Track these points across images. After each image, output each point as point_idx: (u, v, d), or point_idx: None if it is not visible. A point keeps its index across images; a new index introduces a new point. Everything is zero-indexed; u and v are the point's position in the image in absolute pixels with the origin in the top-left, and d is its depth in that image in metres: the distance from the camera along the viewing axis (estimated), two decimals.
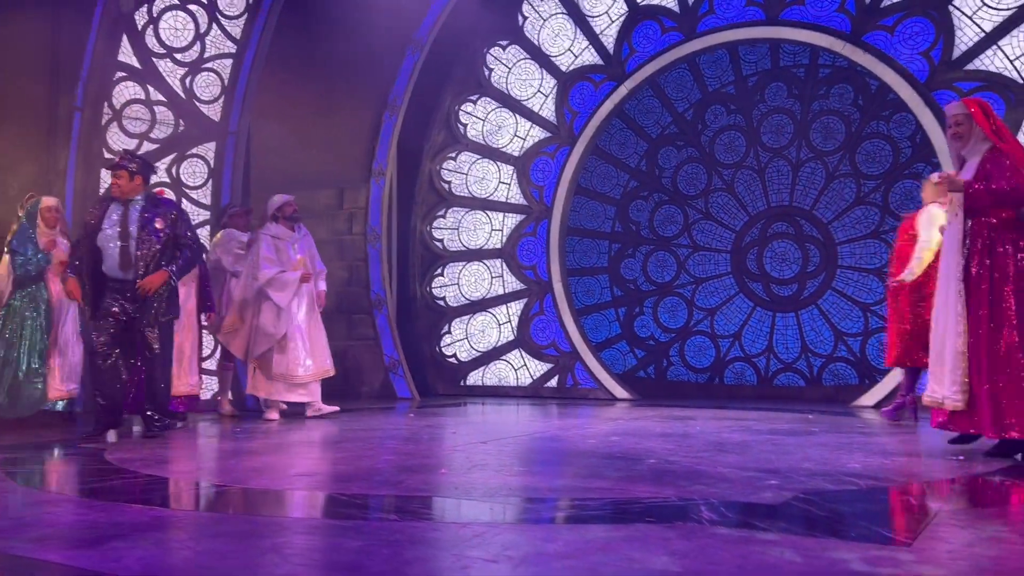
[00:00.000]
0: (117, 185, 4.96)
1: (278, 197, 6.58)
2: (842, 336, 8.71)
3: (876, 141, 8.59)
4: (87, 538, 2.25)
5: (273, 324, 6.26)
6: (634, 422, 5.91)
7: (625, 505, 2.70)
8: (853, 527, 2.40)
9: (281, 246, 6.42)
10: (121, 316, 4.93)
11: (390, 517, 2.63)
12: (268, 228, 6.45)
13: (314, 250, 6.72)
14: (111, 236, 4.91)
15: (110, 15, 7.55)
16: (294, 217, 6.53)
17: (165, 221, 4.99)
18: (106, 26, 7.54)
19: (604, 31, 9.12)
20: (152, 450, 4.47)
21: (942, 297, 4.08)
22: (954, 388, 3.91)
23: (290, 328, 6.29)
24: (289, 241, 6.47)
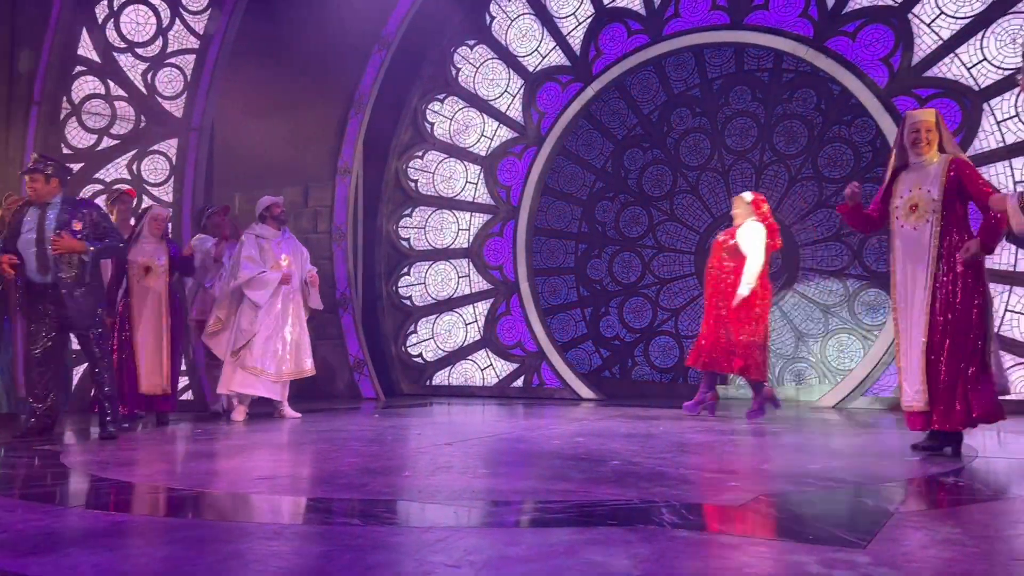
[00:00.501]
0: (33, 189, 4.95)
1: (266, 198, 6.59)
2: (803, 337, 8.84)
3: (838, 145, 8.73)
4: (41, 544, 2.21)
5: (249, 322, 6.22)
6: (599, 422, 5.94)
7: (588, 508, 2.71)
8: (811, 529, 2.44)
9: (265, 246, 6.38)
10: (54, 320, 4.95)
11: (353, 522, 2.61)
12: (253, 228, 6.46)
13: (302, 249, 6.67)
14: (29, 241, 4.89)
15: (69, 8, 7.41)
16: (281, 218, 6.51)
17: (84, 222, 5.00)
18: (65, 19, 7.40)
19: (571, 32, 9.15)
20: (110, 452, 4.39)
21: (906, 303, 4.14)
22: (917, 388, 4.01)
23: (267, 326, 6.24)
24: (274, 241, 6.43)
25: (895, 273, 4.24)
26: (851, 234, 8.63)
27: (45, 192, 4.95)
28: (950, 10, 7.37)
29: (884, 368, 7.36)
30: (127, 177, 7.75)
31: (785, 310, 8.96)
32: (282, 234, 6.52)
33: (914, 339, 4.08)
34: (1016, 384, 6.70)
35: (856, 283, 8.61)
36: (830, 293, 8.76)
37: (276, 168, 9.16)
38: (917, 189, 4.16)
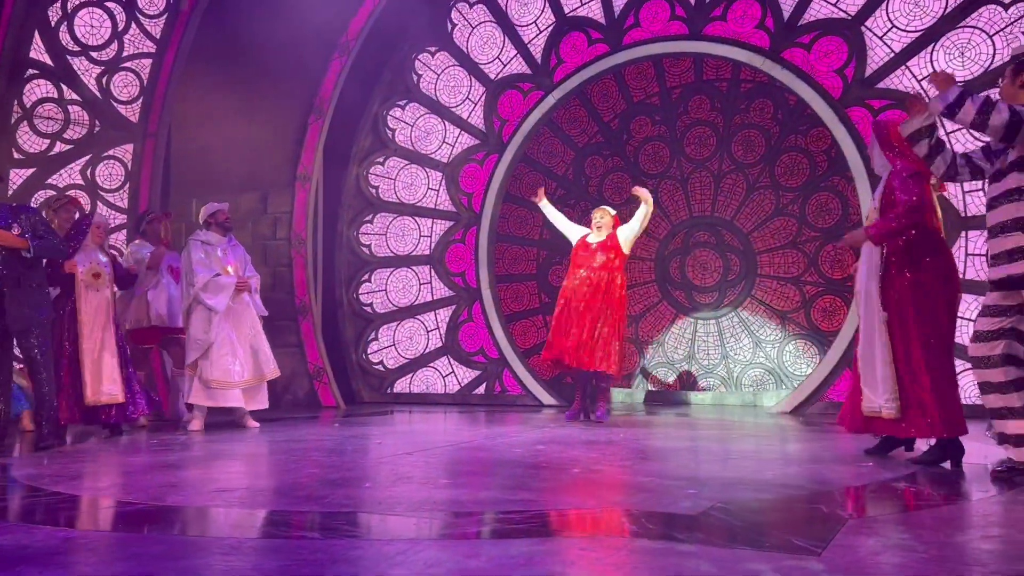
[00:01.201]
0: None
1: (211, 204, 6.50)
2: (760, 343, 8.98)
3: (794, 154, 8.89)
4: None
5: (204, 331, 6.14)
6: (560, 429, 5.97)
7: (548, 517, 2.73)
8: (767, 536, 2.48)
9: (212, 252, 6.30)
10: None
11: (312, 535, 2.59)
12: (198, 234, 6.38)
13: (246, 257, 6.61)
14: None
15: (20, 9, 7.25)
16: (226, 225, 6.43)
17: (22, 227, 4.93)
18: (16, 21, 7.24)
19: (532, 41, 9.19)
20: (63, 465, 4.30)
21: (866, 312, 4.24)
22: (887, 397, 4.09)
23: (222, 334, 6.15)
24: (219, 247, 6.35)
25: (857, 283, 4.37)
26: (807, 242, 8.80)
27: None
28: (901, 23, 7.56)
29: (839, 373, 7.50)
30: (80, 183, 7.61)
31: (743, 316, 9.09)
32: (228, 241, 6.44)
33: (876, 348, 4.15)
34: (966, 390, 6.87)
35: (813, 289, 8.77)
36: (787, 299, 8.91)
37: (234, 174, 9.05)
38: (873, 200, 4.34)
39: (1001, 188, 3.52)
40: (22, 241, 4.88)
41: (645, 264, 9.55)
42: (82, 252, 5.86)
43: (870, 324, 4.20)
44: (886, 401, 4.09)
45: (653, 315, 9.51)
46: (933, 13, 7.42)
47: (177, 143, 8.77)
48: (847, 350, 7.42)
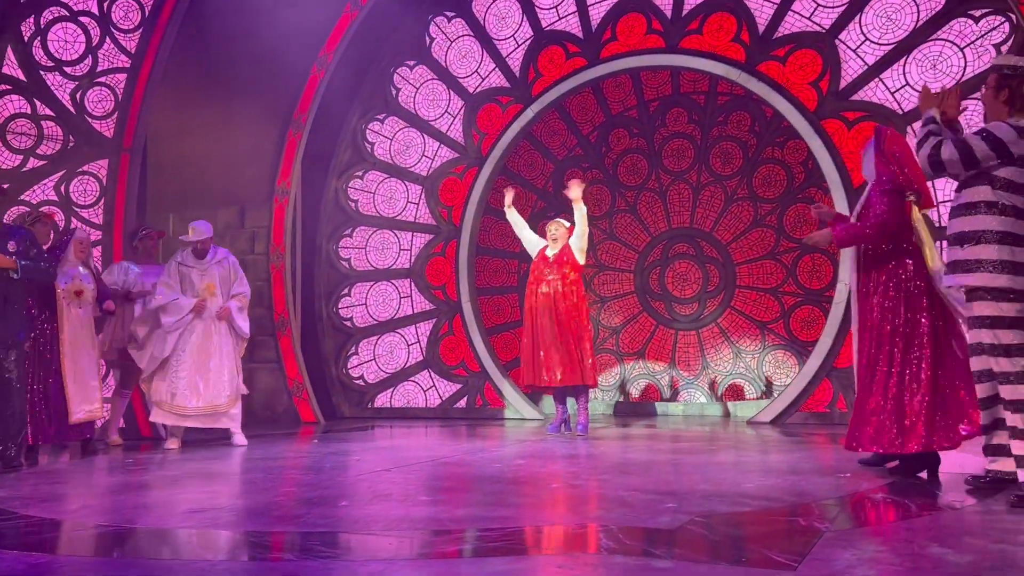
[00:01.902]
0: None
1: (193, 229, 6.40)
2: (740, 353, 9.01)
3: (771, 166, 8.96)
4: None
5: (160, 348, 6.09)
6: (541, 443, 5.95)
7: (527, 534, 2.71)
8: (745, 551, 2.47)
9: (185, 272, 6.26)
10: None
11: (287, 556, 2.56)
12: (178, 255, 6.37)
13: (235, 274, 6.50)
14: None
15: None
16: (199, 252, 6.36)
17: (18, 247, 4.95)
18: None
19: (511, 54, 9.22)
20: (34, 487, 4.23)
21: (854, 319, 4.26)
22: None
23: (180, 355, 6.09)
24: (196, 269, 6.29)
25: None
26: (785, 252, 8.86)
27: None
28: (874, 36, 7.65)
29: (819, 383, 7.54)
30: (54, 198, 7.52)
31: (723, 327, 9.13)
32: (209, 259, 6.38)
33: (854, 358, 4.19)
34: None
35: (791, 300, 8.82)
36: (766, 310, 8.96)
37: (212, 189, 8.99)
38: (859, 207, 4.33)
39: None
40: (11, 261, 4.85)
41: (625, 275, 9.57)
42: (63, 268, 5.80)
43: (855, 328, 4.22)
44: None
45: (634, 326, 9.53)
46: (905, 26, 7.51)
47: (153, 158, 8.70)
48: (826, 360, 7.47)
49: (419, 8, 9.45)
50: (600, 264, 9.67)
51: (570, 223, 6.77)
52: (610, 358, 9.55)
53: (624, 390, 9.45)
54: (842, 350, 7.32)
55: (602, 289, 9.67)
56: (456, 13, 9.40)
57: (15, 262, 4.89)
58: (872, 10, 7.66)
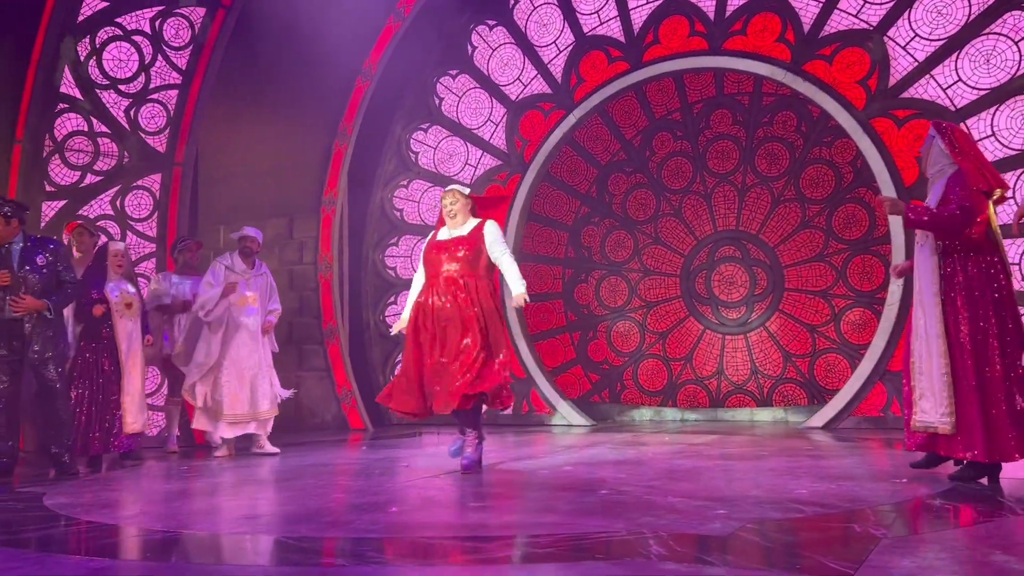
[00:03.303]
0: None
1: (245, 228, 6.58)
2: (790, 357, 8.87)
3: (819, 166, 8.81)
4: None
5: (204, 354, 6.20)
6: (588, 449, 5.92)
7: (576, 541, 2.69)
8: (798, 558, 2.43)
9: (232, 277, 6.36)
10: (12, 357, 5.01)
11: (339, 562, 2.59)
12: (223, 258, 6.47)
13: (271, 289, 6.64)
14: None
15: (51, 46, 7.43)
16: (246, 251, 6.48)
17: (46, 257, 5.12)
18: (47, 57, 7.41)
19: (552, 61, 9.23)
20: (94, 494, 4.34)
21: (920, 321, 4.11)
22: (941, 411, 3.92)
23: (223, 362, 6.19)
24: (244, 278, 6.40)
25: (915, 295, 4.21)
26: (835, 254, 8.70)
27: (7, 233, 5.05)
28: (924, 32, 7.49)
29: (871, 387, 7.38)
30: (111, 213, 7.74)
31: (772, 330, 8.99)
32: (253, 270, 6.49)
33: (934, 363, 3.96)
34: None
35: (842, 302, 8.65)
36: (816, 313, 8.81)
37: (261, 201, 9.16)
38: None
39: None
40: (41, 304, 5.05)
41: (671, 280, 9.50)
42: (111, 282, 5.93)
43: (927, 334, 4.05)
44: (940, 416, 3.94)
45: (680, 331, 9.44)
46: (956, 21, 7.34)
47: (204, 172, 8.90)
48: (879, 363, 7.31)
49: (461, 17, 9.52)
50: (645, 268, 9.60)
51: (470, 191, 5.09)
52: (656, 363, 9.47)
53: (671, 396, 9.35)
54: (896, 352, 7.16)
55: (648, 294, 9.61)
56: (498, 21, 9.45)
57: (45, 304, 5.06)
58: (922, 5, 7.50)
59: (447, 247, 4.87)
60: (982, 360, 3.82)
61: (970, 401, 3.81)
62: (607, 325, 9.72)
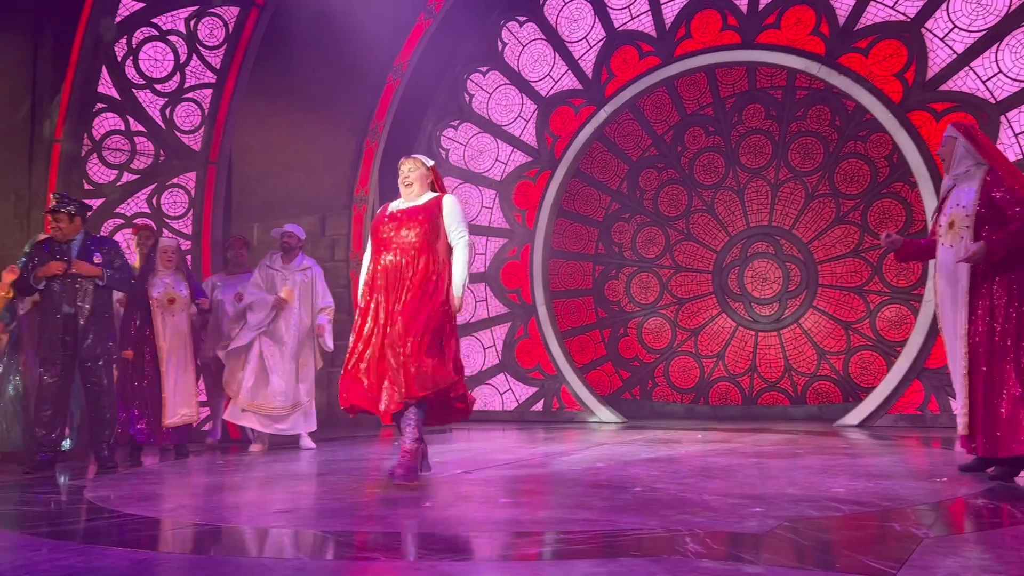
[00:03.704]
0: (59, 228, 5.19)
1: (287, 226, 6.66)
2: (825, 355, 8.76)
3: (854, 161, 8.69)
4: None
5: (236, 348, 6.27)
6: (620, 446, 5.90)
7: (610, 538, 2.68)
8: (838, 557, 2.40)
9: (271, 274, 6.43)
10: (65, 352, 5.13)
11: (374, 556, 2.60)
12: (265, 258, 6.54)
13: (318, 284, 6.64)
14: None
15: (89, 47, 7.55)
16: (284, 246, 6.54)
17: (103, 256, 5.26)
18: (85, 58, 7.53)
19: (583, 56, 9.20)
20: (134, 487, 4.41)
21: (948, 326, 4.03)
22: (962, 411, 3.90)
23: (259, 358, 6.24)
24: (280, 273, 6.46)
25: (937, 293, 4.14)
26: (871, 249, 8.57)
27: (70, 230, 5.21)
28: (963, 23, 7.35)
29: (908, 385, 7.27)
30: (147, 211, 7.85)
31: (805, 327, 8.89)
32: (295, 264, 6.53)
33: (957, 363, 3.94)
34: None
35: (877, 299, 8.53)
36: (851, 310, 8.69)
37: (294, 198, 9.24)
38: (956, 206, 4.02)
39: None
40: (96, 270, 5.17)
41: (703, 276, 9.43)
42: (155, 278, 6.02)
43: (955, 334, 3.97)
44: (961, 416, 3.91)
45: (712, 328, 9.37)
46: (996, 12, 7.19)
47: (238, 169, 9.00)
48: (916, 360, 7.19)
49: (491, 14, 9.52)
50: (677, 265, 9.54)
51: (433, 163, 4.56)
52: (689, 361, 9.41)
53: (703, 393, 9.29)
54: (934, 350, 7.04)
55: (679, 290, 9.54)
56: (528, 17, 9.44)
57: (101, 271, 5.20)
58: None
59: (400, 218, 4.22)
60: (998, 356, 3.76)
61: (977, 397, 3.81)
62: (638, 322, 9.68)
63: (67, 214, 5.18)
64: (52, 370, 5.12)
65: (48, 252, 5.17)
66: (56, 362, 5.13)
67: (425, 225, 4.16)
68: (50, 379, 5.12)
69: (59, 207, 5.18)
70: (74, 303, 5.12)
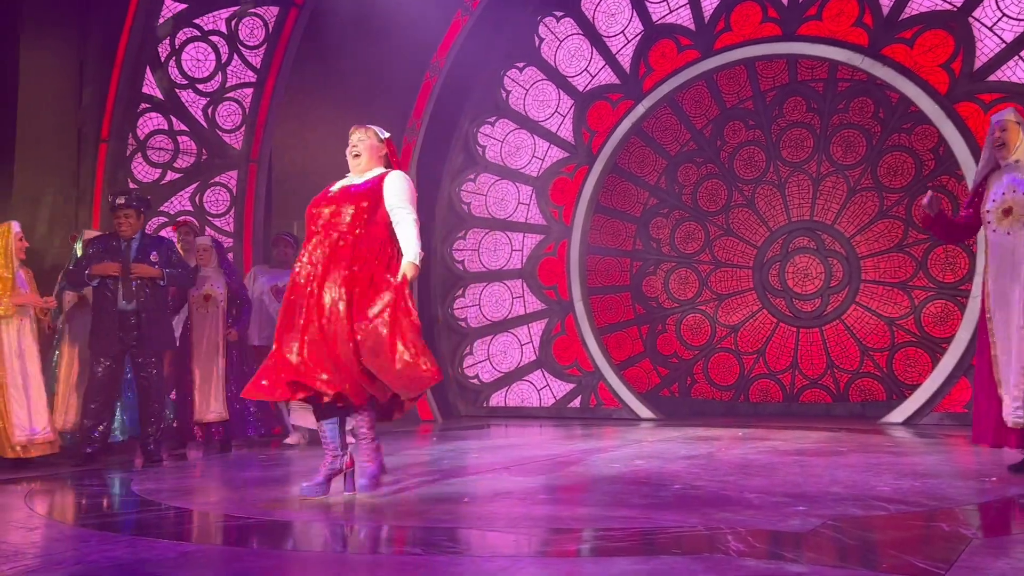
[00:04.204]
0: (127, 224, 5.32)
1: None
2: (868, 351, 8.61)
3: (898, 154, 8.52)
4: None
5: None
6: (659, 444, 5.86)
7: (651, 535, 2.67)
8: (884, 557, 2.36)
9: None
10: (118, 347, 5.23)
11: (414, 550, 2.62)
12: None
13: None
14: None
15: (134, 48, 7.69)
16: None
17: (160, 256, 5.37)
18: (130, 59, 7.68)
19: (620, 51, 9.14)
20: (179, 480, 4.50)
21: (1002, 315, 3.93)
22: (1016, 405, 3.81)
23: None
24: None
25: (987, 283, 4.03)
26: (915, 244, 8.40)
27: (136, 227, 5.37)
28: (1013, 12, 7.16)
29: (955, 382, 7.11)
30: (190, 209, 7.98)
31: (848, 323, 8.75)
32: None
33: (1013, 355, 3.84)
34: None
35: (922, 294, 8.36)
36: (895, 305, 8.53)
37: None
38: (1012, 192, 3.92)
39: None
40: (156, 271, 5.29)
41: (743, 272, 9.32)
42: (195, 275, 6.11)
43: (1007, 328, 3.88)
44: (1014, 411, 3.80)
45: (752, 324, 9.26)
46: None
47: (278, 168, 9.10)
48: (963, 357, 7.03)
49: (528, 9, 9.50)
50: (716, 260, 9.45)
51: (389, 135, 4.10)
52: (728, 357, 9.32)
53: (743, 390, 9.19)
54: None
55: (719, 286, 9.45)
56: (565, 12, 9.40)
57: (161, 271, 5.30)
58: None
59: (337, 199, 3.71)
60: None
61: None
62: (676, 318, 9.60)
63: (135, 211, 5.34)
64: (104, 364, 5.22)
65: (104, 249, 5.27)
66: (108, 356, 5.22)
67: (363, 205, 3.64)
68: (101, 372, 5.22)
69: (128, 204, 5.32)
70: (130, 299, 5.22)
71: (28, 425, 5.05)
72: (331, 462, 3.60)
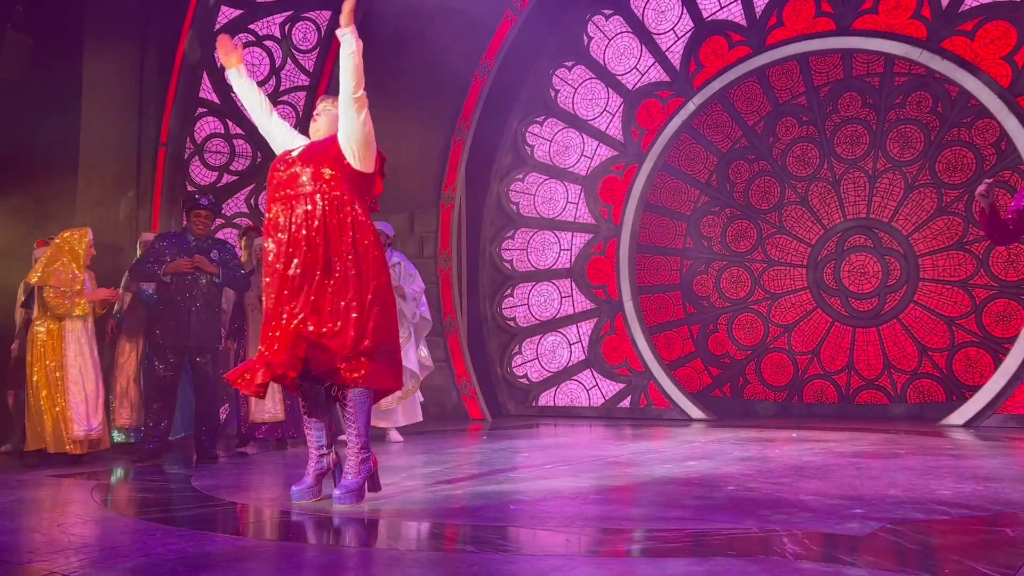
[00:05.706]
0: (204, 225, 5.53)
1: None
2: (927, 351, 8.40)
3: (957, 149, 8.30)
4: (178, 569, 2.33)
5: None
6: (711, 445, 5.81)
7: (704, 537, 2.65)
8: (946, 562, 2.30)
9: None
10: (178, 346, 5.37)
11: (467, 548, 2.64)
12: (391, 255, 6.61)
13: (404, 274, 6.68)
14: None
15: (192, 54, 7.89)
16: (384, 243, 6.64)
17: (220, 255, 5.54)
18: (188, 65, 7.88)
19: (670, 48, 9.07)
20: (236, 476, 4.60)
21: None
22: None
23: None
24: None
25: None
26: (976, 241, 8.18)
27: (208, 229, 5.61)
28: None
29: (1019, 383, 6.90)
30: (245, 211, 8.15)
31: (906, 323, 8.55)
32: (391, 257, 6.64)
33: None
34: None
35: (983, 293, 8.13)
36: (954, 304, 8.31)
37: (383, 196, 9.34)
38: None
39: None
40: (215, 267, 5.44)
41: (797, 271, 9.17)
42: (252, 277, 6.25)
43: None
44: None
45: (807, 324, 9.11)
46: None
47: None
48: None
49: (577, 8, 9.49)
50: (769, 259, 9.32)
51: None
52: (782, 357, 9.18)
53: (797, 391, 9.05)
54: None
55: (772, 285, 9.31)
56: (614, 10, 9.36)
57: (218, 268, 5.43)
58: None
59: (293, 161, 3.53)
60: None
61: None
62: (728, 317, 9.49)
63: (212, 212, 5.57)
64: (166, 363, 5.36)
65: (174, 247, 5.41)
66: (174, 353, 5.37)
67: (324, 167, 3.44)
68: (164, 371, 5.36)
69: (210, 206, 5.55)
70: (190, 298, 5.36)
71: (86, 422, 5.22)
72: (317, 461, 3.51)
